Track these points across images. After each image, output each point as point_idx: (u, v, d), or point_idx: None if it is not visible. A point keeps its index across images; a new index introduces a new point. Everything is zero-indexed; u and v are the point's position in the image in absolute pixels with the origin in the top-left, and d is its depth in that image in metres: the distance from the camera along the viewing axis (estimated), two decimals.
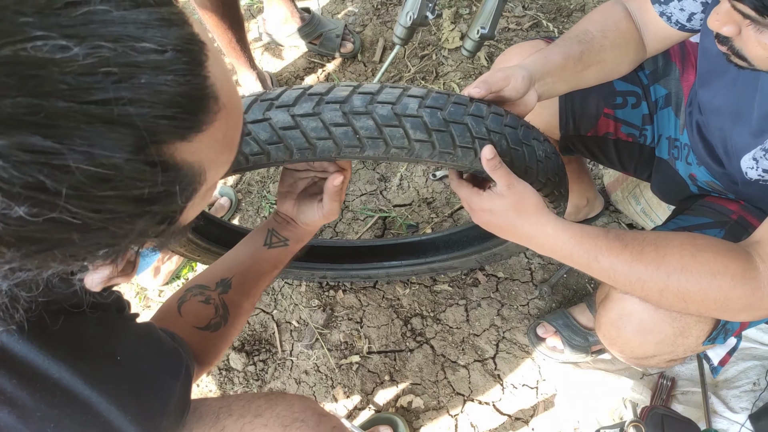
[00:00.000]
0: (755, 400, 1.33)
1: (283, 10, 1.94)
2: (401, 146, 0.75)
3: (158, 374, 0.59)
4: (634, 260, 0.79)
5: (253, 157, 0.77)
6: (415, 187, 1.77)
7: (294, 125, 0.74)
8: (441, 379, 1.47)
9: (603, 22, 0.99)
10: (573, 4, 2.12)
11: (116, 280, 0.49)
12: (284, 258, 0.92)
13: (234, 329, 0.87)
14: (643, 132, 1.16)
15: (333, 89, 0.76)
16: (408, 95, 0.76)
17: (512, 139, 0.79)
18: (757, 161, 0.84)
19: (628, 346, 0.95)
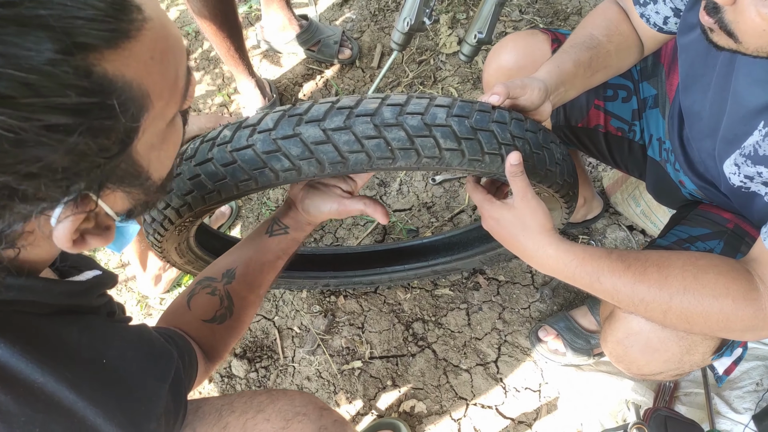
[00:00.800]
0: (759, 400, 1.32)
1: (280, 17, 1.95)
2: (432, 156, 0.76)
3: (145, 378, 0.58)
4: (637, 281, 0.79)
5: (284, 173, 0.76)
6: (415, 191, 1.77)
7: (326, 140, 0.74)
8: (443, 384, 1.47)
9: (606, 26, 1.00)
10: (569, 8, 2.13)
11: (91, 241, 0.48)
12: (286, 247, 0.92)
13: (241, 322, 0.87)
14: (632, 127, 1.16)
15: (361, 102, 0.77)
16: (435, 105, 0.77)
17: (534, 144, 0.81)
18: (739, 167, 0.84)
19: (635, 364, 0.95)
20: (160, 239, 0.93)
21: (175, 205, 0.82)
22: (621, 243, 1.64)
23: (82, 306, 0.57)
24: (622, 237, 1.65)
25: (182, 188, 0.81)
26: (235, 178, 0.77)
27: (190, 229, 1.01)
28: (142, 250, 1.51)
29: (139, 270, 1.57)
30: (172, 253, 1.08)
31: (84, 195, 0.44)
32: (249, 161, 0.76)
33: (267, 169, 0.76)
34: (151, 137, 0.47)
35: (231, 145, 0.77)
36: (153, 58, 0.42)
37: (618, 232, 1.66)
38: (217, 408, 0.75)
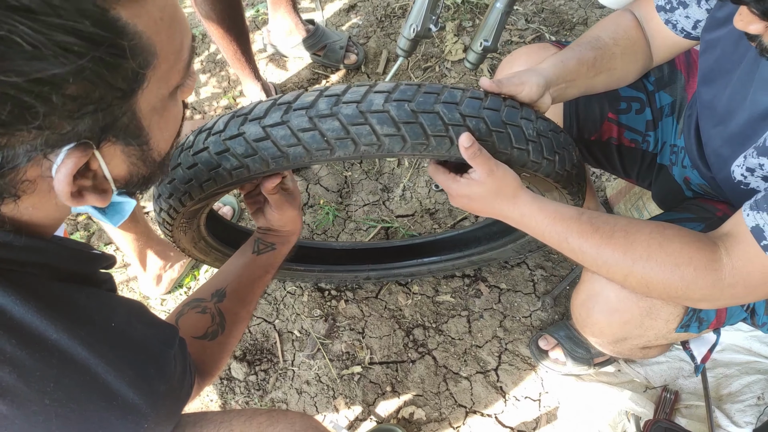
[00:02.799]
0: (759, 414, 1.32)
1: (287, 21, 1.96)
2: (370, 143, 0.76)
3: (152, 342, 0.60)
4: (603, 244, 0.81)
5: (235, 172, 0.79)
6: (418, 197, 1.78)
7: (265, 136, 0.76)
8: (443, 391, 1.46)
9: (614, 29, 1.01)
10: (575, 18, 2.13)
11: (88, 197, 0.50)
12: (274, 261, 0.96)
13: (232, 338, 0.88)
14: (646, 138, 1.17)
15: (300, 96, 0.78)
16: (374, 91, 0.76)
17: (493, 122, 0.78)
18: (745, 158, 0.85)
19: (597, 327, 0.97)
20: (170, 228, 0.97)
21: (177, 194, 0.86)
22: None
23: (88, 277, 0.59)
24: None
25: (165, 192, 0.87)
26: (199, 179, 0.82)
27: (198, 218, 1.04)
28: (140, 249, 1.51)
29: (140, 270, 1.57)
30: (186, 242, 1.12)
31: (85, 143, 0.47)
32: (206, 162, 0.80)
33: (221, 170, 0.80)
34: (153, 98, 0.50)
35: (192, 149, 0.82)
36: (162, 19, 0.47)
37: None
38: (216, 425, 0.75)
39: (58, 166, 0.46)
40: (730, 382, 1.38)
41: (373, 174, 1.83)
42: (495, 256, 1.48)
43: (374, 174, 1.83)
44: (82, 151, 0.47)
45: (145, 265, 1.56)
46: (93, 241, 1.76)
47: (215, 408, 1.48)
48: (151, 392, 0.56)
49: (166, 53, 0.48)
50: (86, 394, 0.52)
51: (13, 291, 0.49)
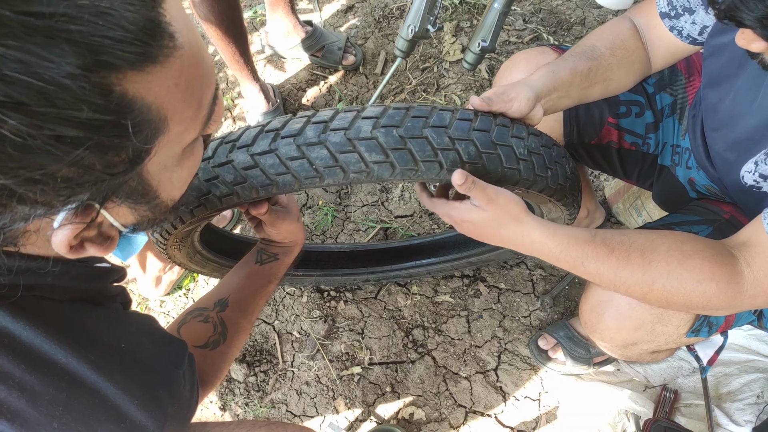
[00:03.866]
0: (759, 412, 1.32)
1: (285, 23, 1.96)
2: (359, 170, 0.75)
3: (162, 362, 0.60)
4: (620, 267, 0.80)
5: (224, 199, 0.79)
6: (417, 198, 1.78)
7: (253, 164, 0.76)
8: (443, 391, 1.46)
9: (612, 39, 1.00)
10: (573, 18, 2.14)
11: (90, 249, 0.48)
12: (277, 271, 0.95)
13: (233, 347, 0.88)
14: (647, 140, 1.17)
15: (288, 123, 0.77)
16: (363, 117, 0.75)
17: (483, 143, 0.77)
18: (757, 165, 0.84)
19: (607, 333, 0.97)
20: (164, 247, 0.97)
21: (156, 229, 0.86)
22: None
23: (100, 293, 0.59)
24: None
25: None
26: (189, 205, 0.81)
27: (192, 236, 1.04)
28: (140, 251, 1.51)
29: (139, 272, 1.57)
30: (182, 258, 1.12)
31: (87, 205, 0.44)
32: (196, 188, 0.79)
33: (211, 196, 0.79)
34: (164, 159, 0.47)
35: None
36: (177, 84, 0.43)
37: None
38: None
39: (57, 228, 0.44)
40: (729, 380, 1.38)
41: None
42: (493, 257, 1.49)
43: None
44: (84, 212, 0.44)
45: (145, 267, 1.56)
46: None
47: (215, 409, 1.48)
48: (160, 414, 0.57)
49: (180, 117, 0.45)
50: (95, 417, 0.52)
51: (21, 316, 0.49)
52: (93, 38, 0.35)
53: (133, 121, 0.40)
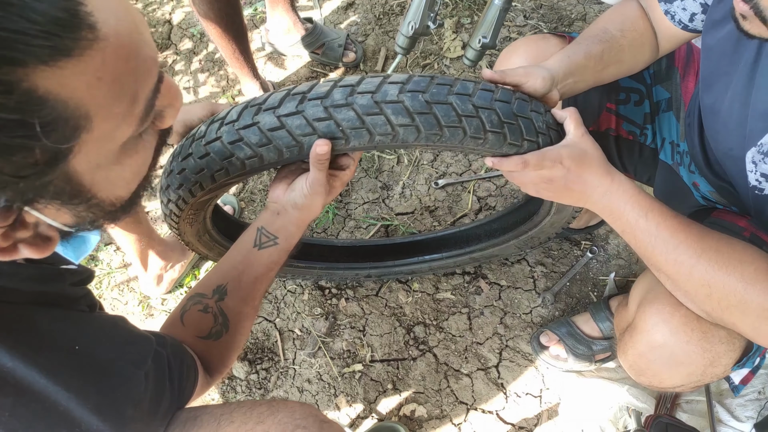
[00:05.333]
0: (761, 408, 1.32)
1: (285, 20, 1.96)
2: (385, 133, 0.76)
3: (120, 363, 0.57)
4: (678, 230, 0.79)
5: (248, 161, 0.80)
6: (418, 195, 1.78)
7: (280, 125, 0.76)
8: (444, 388, 1.46)
9: (621, 21, 1.00)
10: (574, 14, 2.13)
11: (23, 251, 0.46)
12: (276, 258, 0.89)
13: (238, 335, 0.86)
14: (644, 131, 1.16)
15: (314, 87, 0.78)
16: (389, 82, 0.77)
17: (505, 113, 0.79)
18: (756, 164, 0.84)
19: (657, 378, 0.94)
20: (177, 220, 0.97)
21: (187, 185, 0.86)
22: (624, 249, 1.64)
23: (60, 296, 0.57)
24: (625, 244, 1.65)
25: (174, 183, 0.87)
26: (211, 169, 0.82)
27: (206, 209, 1.03)
28: (142, 250, 1.51)
29: (141, 270, 1.57)
30: (191, 235, 1.12)
31: (6, 207, 0.41)
32: (218, 152, 0.80)
33: (234, 159, 0.79)
34: (95, 157, 0.44)
35: (204, 139, 0.82)
36: (101, 79, 0.39)
37: (621, 239, 1.66)
38: (216, 417, 0.74)
39: None
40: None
41: (372, 172, 1.83)
42: (497, 252, 1.49)
43: (374, 172, 1.83)
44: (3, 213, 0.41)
45: (147, 265, 1.56)
46: None
47: None
48: (117, 417, 0.55)
49: (107, 114, 0.41)
50: (45, 422, 0.51)
51: None
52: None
53: (43, 119, 0.36)
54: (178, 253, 1.61)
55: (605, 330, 1.40)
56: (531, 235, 1.35)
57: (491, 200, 1.76)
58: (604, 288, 1.58)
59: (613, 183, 0.83)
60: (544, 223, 1.25)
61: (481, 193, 1.77)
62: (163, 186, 0.92)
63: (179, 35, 2.26)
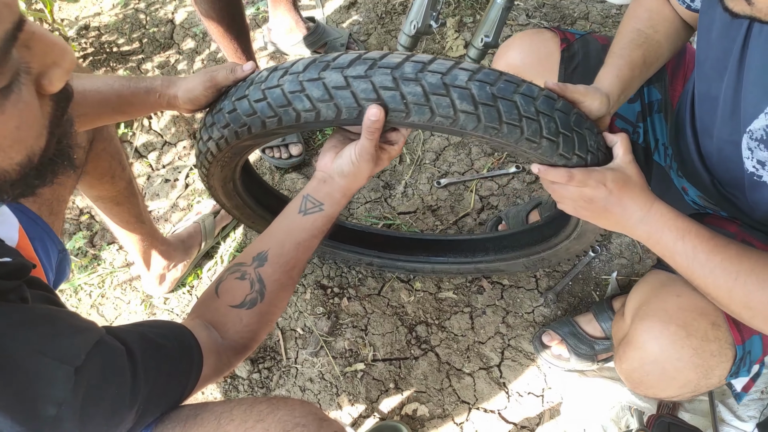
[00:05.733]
0: (763, 408, 1.31)
1: (288, 19, 1.96)
2: (446, 115, 0.76)
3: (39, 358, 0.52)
4: (714, 252, 0.80)
5: (304, 114, 0.80)
6: (420, 194, 1.77)
7: (345, 85, 0.77)
8: (446, 387, 1.46)
9: (649, 16, 0.99)
10: (577, 13, 2.13)
11: None
12: (321, 224, 0.88)
13: (273, 307, 0.83)
14: (636, 129, 1.16)
15: (387, 56, 0.79)
16: (459, 68, 0.78)
17: (563, 124, 0.80)
18: (752, 151, 0.84)
19: (652, 390, 0.95)
20: (211, 159, 0.98)
21: (235, 125, 0.87)
22: (626, 249, 1.64)
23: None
24: (628, 243, 1.65)
25: (221, 121, 0.88)
26: (264, 114, 0.83)
27: (242, 156, 1.03)
28: (145, 249, 1.51)
29: (144, 269, 1.57)
30: (221, 193, 1.13)
31: None
32: (276, 99, 0.81)
33: (290, 109, 0.81)
34: None
35: (264, 84, 0.82)
36: None
37: (623, 238, 1.65)
38: (217, 415, 0.73)
39: None
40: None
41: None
42: (503, 268, 1.47)
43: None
44: None
45: (149, 265, 1.56)
46: (96, 241, 1.77)
47: None
48: (35, 417, 0.51)
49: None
50: None
51: None
52: None
53: None
54: (181, 252, 1.61)
55: (608, 330, 1.40)
56: (543, 257, 1.34)
57: (493, 200, 1.76)
58: (606, 287, 1.58)
59: (651, 209, 0.83)
60: (560, 247, 1.24)
61: (484, 193, 1.77)
62: (207, 123, 0.92)
63: (182, 35, 2.26)
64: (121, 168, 1.27)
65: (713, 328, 0.88)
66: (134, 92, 0.93)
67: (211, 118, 0.91)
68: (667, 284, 0.97)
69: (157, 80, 0.94)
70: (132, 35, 2.28)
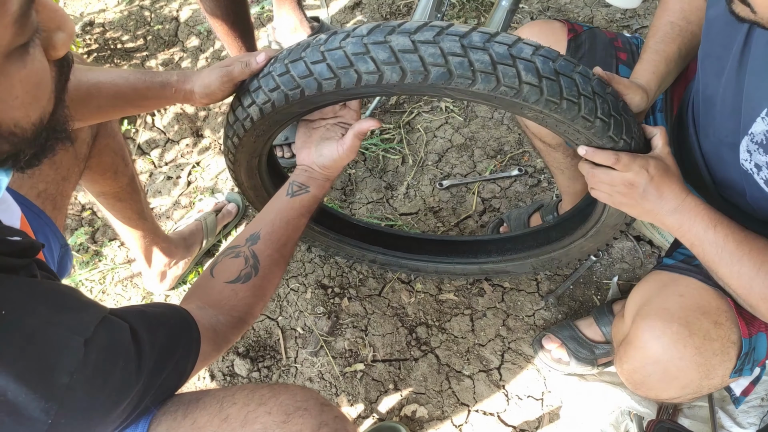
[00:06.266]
0: (763, 415, 1.31)
1: (292, 18, 1.96)
2: (511, 85, 0.77)
3: (52, 328, 0.54)
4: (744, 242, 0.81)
5: (367, 76, 0.80)
6: (422, 195, 1.77)
7: (413, 49, 0.77)
8: (445, 389, 1.46)
9: (680, 8, 1.00)
10: (581, 16, 2.13)
11: None
12: (308, 203, 0.94)
13: (267, 282, 0.87)
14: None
15: (452, 25, 0.80)
16: (523, 42, 0.79)
17: (613, 107, 0.83)
18: (751, 154, 0.84)
19: (653, 391, 0.95)
20: (251, 125, 0.96)
21: (287, 88, 0.86)
22: (627, 253, 1.64)
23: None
24: (629, 247, 1.65)
25: (269, 84, 0.87)
26: (321, 76, 0.82)
27: (266, 138, 1.03)
28: (146, 246, 1.52)
29: (145, 266, 1.57)
30: (243, 170, 1.13)
31: None
32: (337, 60, 0.80)
33: (352, 70, 0.80)
34: None
35: (324, 46, 0.82)
36: None
37: (625, 242, 1.65)
38: (219, 399, 0.74)
39: None
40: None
41: (377, 172, 1.83)
42: (510, 269, 1.47)
43: (378, 172, 1.83)
44: None
45: (150, 262, 1.56)
46: (97, 237, 1.77)
47: None
48: (49, 384, 0.52)
49: None
50: None
51: None
52: None
53: None
54: (183, 250, 1.61)
55: (608, 334, 1.40)
56: (553, 257, 1.33)
57: (495, 202, 1.76)
58: (607, 291, 1.58)
59: (686, 200, 0.85)
60: (573, 246, 1.23)
61: (486, 195, 1.77)
62: (251, 87, 0.90)
63: (186, 32, 2.26)
64: (124, 164, 1.27)
65: (716, 327, 0.88)
66: (149, 86, 0.94)
67: (256, 83, 0.89)
68: (668, 284, 0.97)
69: (173, 75, 0.96)
70: (136, 32, 2.28)
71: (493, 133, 1.89)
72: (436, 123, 1.93)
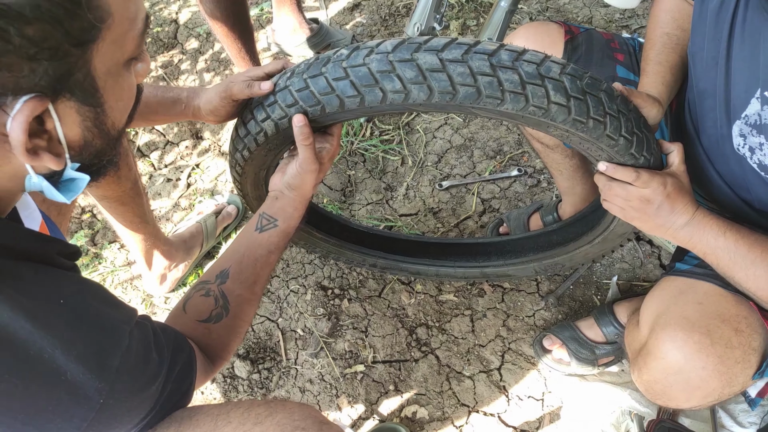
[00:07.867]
0: (764, 414, 1.31)
1: (291, 20, 1.96)
2: (540, 105, 0.77)
3: (106, 315, 0.59)
4: (755, 245, 0.83)
5: (393, 95, 0.78)
6: (422, 196, 1.77)
7: (441, 68, 0.76)
8: (446, 390, 1.46)
9: (671, 17, 1.01)
10: (580, 17, 2.13)
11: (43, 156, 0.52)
12: (277, 241, 0.92)
13: (239, 320, 0.86)
14: None
15: (480, 42, 0.79)
16: (551, 60, 0.78)
17: (636, 124, 0.83)
18: (745, 137, 0.85)
19: (674, 401, 0.94)
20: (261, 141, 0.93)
21: (307, 103, 0.84)
22: (627, 253, 1.64)
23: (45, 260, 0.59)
24: (629, 247, 1.65)
25: (287, 100, 0.85)
26: (344, 93, 0.80)
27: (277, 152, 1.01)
28: (147, 249, 1.52)
29: (145, 269, 1.57)
30: (249, 182, 1.10)
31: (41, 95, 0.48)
32: (361, 78, 0.78)
33: (377, 89, 0.78)
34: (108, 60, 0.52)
35: (347, 62, 0.79)
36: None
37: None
38: (213, 417, 0.73)
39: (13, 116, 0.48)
40: None
41: (376, 173, 1.84)
42: (511, 273, 1.46)
43: (377, 173, 1.84)
44: (37, 101, 0.48)
45: (151, 265, 1.56)
46: (97, 240, 1.77)
47: None
48: (103, 366, 0.55)
49: (121, 17, 0.51)
50: (29, 367, 0.52)
51: None
52: None
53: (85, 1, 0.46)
54: (183, 252, 1.61)
55: (609, 335, 1.39)
56: (557, 261, 1.32)
57: (495, 203, 1.76)
58: (607, 291, 1.58)
59: (696, 214, 0.86)
60: (578, 252, 1.23)
61: (485, 196, 1.77)
62: (265, 102, 0.88)
63: (185, 34, 2.26)
64: (128, 168, 1.27)
65: (736, 335, 0.87)
66: (161, 101, 0.96)
67: (272, 97, 0.87)
68: (685, 291, 0.96)
69: (184, 91, 0.97)
70: None
71: (493, 134, 1.89)
72: (435, 124, 1.93)
